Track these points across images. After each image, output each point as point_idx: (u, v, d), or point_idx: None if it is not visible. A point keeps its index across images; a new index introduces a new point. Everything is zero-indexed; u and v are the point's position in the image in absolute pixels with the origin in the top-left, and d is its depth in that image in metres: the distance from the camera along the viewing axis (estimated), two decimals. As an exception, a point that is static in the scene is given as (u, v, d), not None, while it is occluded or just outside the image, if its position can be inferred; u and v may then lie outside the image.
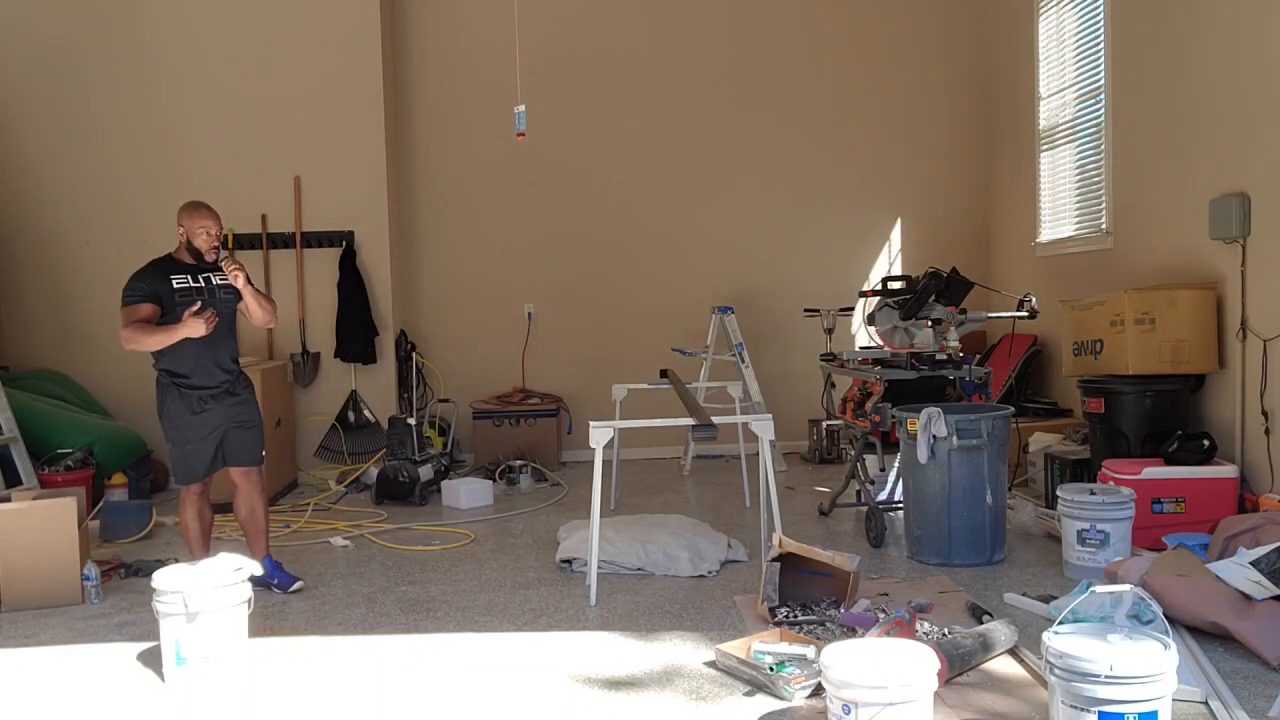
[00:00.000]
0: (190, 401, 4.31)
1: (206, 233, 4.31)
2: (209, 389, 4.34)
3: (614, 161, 7.67)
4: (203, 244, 4.32)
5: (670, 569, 4.54)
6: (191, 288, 4.31)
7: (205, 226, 4.31)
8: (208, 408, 4.33)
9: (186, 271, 4.34)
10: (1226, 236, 4.72)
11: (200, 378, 4.32)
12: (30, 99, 7.07)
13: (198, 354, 4.28)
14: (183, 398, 4.32)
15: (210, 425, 4.34)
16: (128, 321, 4.23)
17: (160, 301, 4.25)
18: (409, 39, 7.55)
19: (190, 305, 4.25)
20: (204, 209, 4.37)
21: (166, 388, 4.35)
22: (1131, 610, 2.89)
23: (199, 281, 4.33)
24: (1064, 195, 6.58)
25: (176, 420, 4.33)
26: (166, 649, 3.49)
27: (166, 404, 4.34)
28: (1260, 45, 4.56)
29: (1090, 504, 4.25)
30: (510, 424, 7.26)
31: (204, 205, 4.39)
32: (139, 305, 4.24)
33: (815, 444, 7.32)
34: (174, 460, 4.45)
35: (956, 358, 5.01)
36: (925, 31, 7.69)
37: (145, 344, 4.23)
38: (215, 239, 4.34)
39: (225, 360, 4.39)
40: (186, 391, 4.32)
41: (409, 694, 3.36)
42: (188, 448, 4.34)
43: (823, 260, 7.71)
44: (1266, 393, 4.58)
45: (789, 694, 3.13)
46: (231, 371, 4.42)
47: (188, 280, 4.31)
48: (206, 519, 4.49)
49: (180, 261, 4.36)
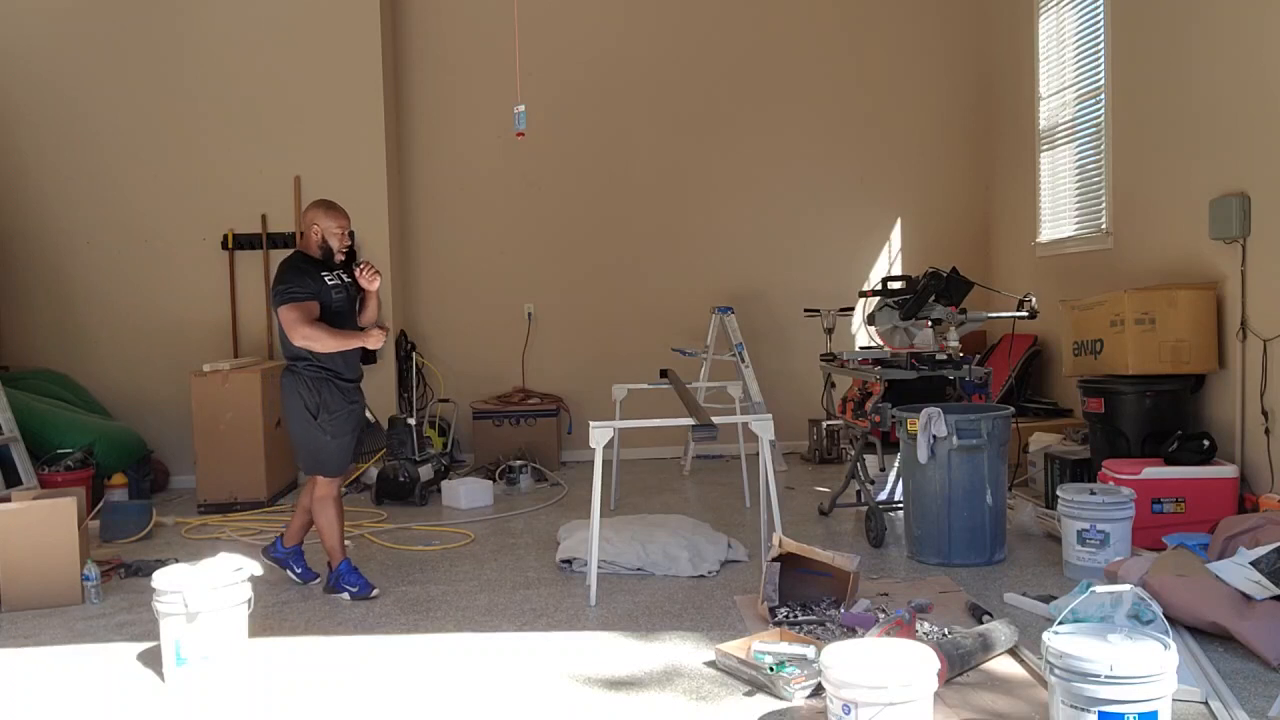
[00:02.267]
0: (347, 393, 4.41)
1: (344, 232, 4.39)
2: (355, 381, 4.46)
3: (614, 161, 7.67)
4: (337, 243, 4.38)
5: (670, 569, 4.54)
6: (343, 284, 4.40)
7: (343, 225, 4.40)
8: (356, 400, 4.47)
9: (330, 268, 4.40)
10: (1226, 236, 4.72)
11: (350, 372, 4.43)
12: (30, 99, 7.07)
13: (348, 350, 4.37)
14: (340, 390, 4.38)
15: (355, 417, 4.47)
16: (305, 318, 4.22)
17: (320, 299, 4.31)
18: (409, 39, 7.55)
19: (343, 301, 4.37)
20: (339, 209, 4.43)
21: (323, 383, 4.34)
22: (1131, 610, 2.89)
23: (344, 279, 4.42)
24: (1064, 195, 6.58)
25: (336, 411, 4.36)
26: (166, 649, 3.49)
27: (324, 397, 4.34)
28: (1260, 45, 4.56)
29: (1090, 504, 4.25)
30: (510, 424, 7.26)
31: (338, 205, 4.44)
32: (310, 302, 4.27)
33: (815, 444, 7.32)
34: (327, 453, 4.38)
35: (956, 358, 5.01)
36: (925, 32, 7.69)
37: (326, 344, 4.24)
38: (347, 237, 4.43)
39: (365, 357, 4.58)
40: (343, 384, 4.39)
41: (409, 694, 3.36)
42: (345, 439, 4.41)
43: (823, 260, 7.71)
44: (1266, 393, 4.58)
45: (789, 694, 3.14)
46: (362, 369, 4.55)
47: (337, 278, 4.39)
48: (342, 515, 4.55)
49: (318, 260, 4.40)
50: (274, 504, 6.38)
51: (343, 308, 4.38)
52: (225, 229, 7.12)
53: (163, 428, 6.96)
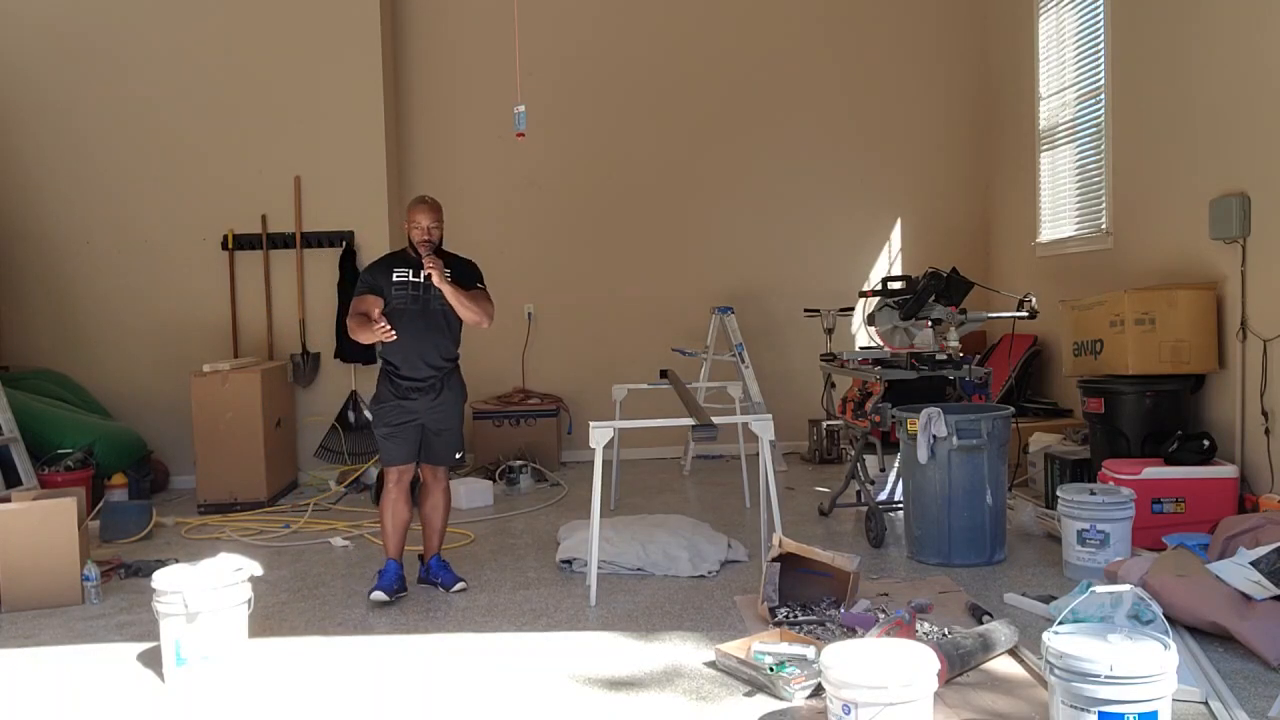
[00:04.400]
0: (398, 390, 4.39)
1: (418, 227, 4.35)
2: (415, 381, 4.39)
3: (614, 161, 7.67)
4: (416, 238, 4.36)
5: (670, 569, 4.54)
6: (409, 281, 4.37)
7: (416, 221, 4.35)
8: (412, 398, 4.39)
9: (409, 266, 4.39)
10: (1226, 236, 4.72)
11: (408, 369, 4.38)
12: (30, 99, 7.06)
13: (406, 348, 4.34)
14: (393, 385, 4.40)
15: (411, 413, 4.39)
16: (352, 311, 4.39)
17: (382, 293, 4.35)
18: (409, 39, 7.55)
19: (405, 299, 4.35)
20: (419, 204, 4.40)
21: (383, 376, 4.45)
22: (1131, 610, 2.89)
23: (417, 276, 4.37)
24: (1064, 195, 6.58)
25: (383, 402, 4.42)
26: (166, 649, 3.49)
27: (379, 390, 4.45)
28: (1260, 45, 4.56)
29: (1090, 504, 4.25)
30: (510, 424, 7.26)
31: (423, 200, 4.41)
32: (363, 296, 4.37)
33: (815, 444, 7.32)
34: (380, 445, 4.49)
35: (956, 358, 5.01)
36: (925, 32, 7.69)
37: (356, 335, 4.33)
38: (426, 233, 4.35)
39: (434, 357, 4.40)
40: (397, 380, 4.40)
41: (409, 694, 3.36)
42: (387, 429, 4.40)
43: (823, 260, 7.71)
44: (1266, 393, 4.58)
45: (789, 694, 3.14)
46: (439, 369, 4.43)
47: (407, 275, 4.38)
48: (401, 517, 4.43)
49: (407, 256, 4.43)
50: (274, 504, 6.39)
51: (405, 305, 4.35)
52: (225, 229, 7.12)
53: (163, 428, 6.96)
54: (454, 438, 4.50)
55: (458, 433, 4.52)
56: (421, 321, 4.37)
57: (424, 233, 4.35)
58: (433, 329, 4.39)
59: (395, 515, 4.42)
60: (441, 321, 4.41)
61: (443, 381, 4.44)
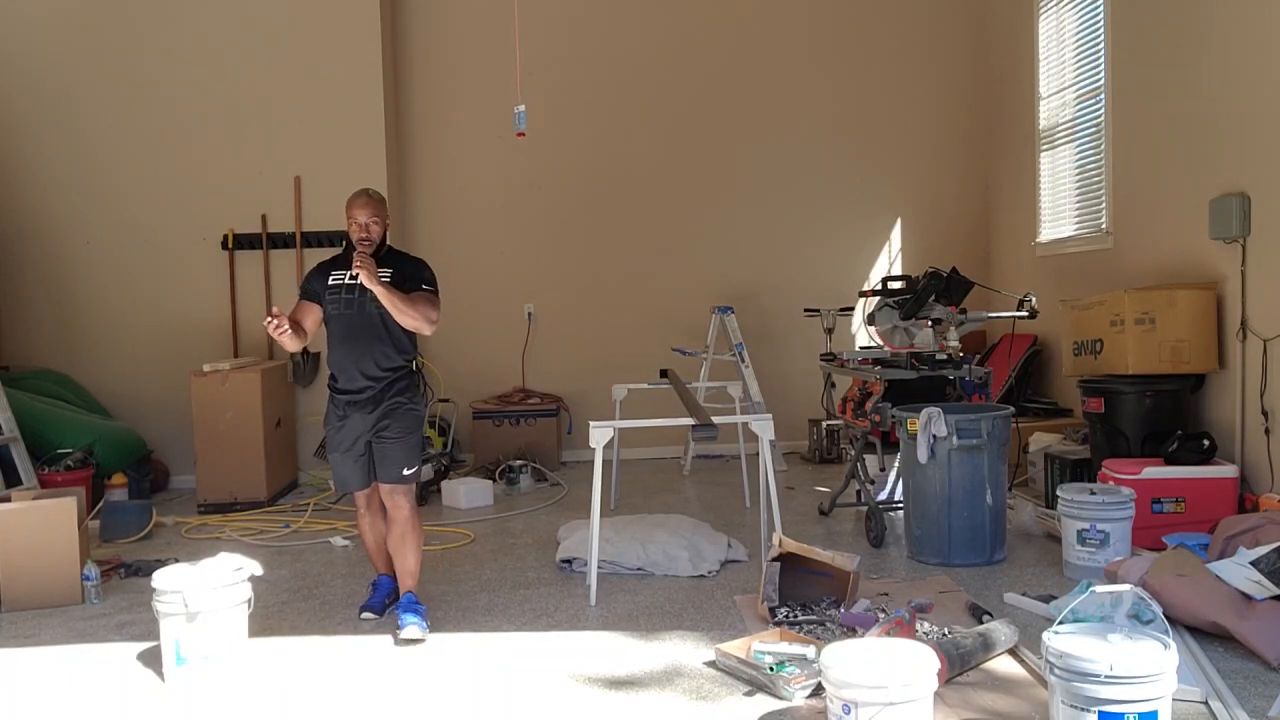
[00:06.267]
0: (338, 406, 4.02)
1: (355, 223, 3.91)
2: (352, 393, 3.97)
3: (614, 161, 7.67)
4: (353, 236, 3.94)
5: (670, 569, 4.54)
6: (343, 284, 3.96)
7: (353, 217, 3.92)
8: (348, 415, 3.99)
9: (345, 268, 3.98)
10: (1226, 236, 4.72)
11: (345, 380, 3.98)
12: (30, 99, 7.06)
13: (342, 357, 3.97)
14: (333, 403, 4.04)
15: (351, 434, 3.98)
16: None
17: (318, 298, 4.00)
18: (409, 39, 7.55)
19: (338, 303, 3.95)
20: (357, 198, 3.96)
21: (329, 393, 4.08)
22: (1131, 610, 2.89)
23: (353, 279, 3.92)
24: (1064, 195, 6.58)
25: (328, 423, 4.07)
26: (166, 649, 3.49)
27: (326, 410, 4.09)
28: (1261, 45, 4.56)
29: (1090, 504, 4.25)
30: (510, 424, 7.26)
31: (362, 193, 3.97)
32: (300, 303, 4.03)
33: (815, 444, 7.32)
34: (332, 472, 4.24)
35: (956, 358, 5.01)
36: (925, 32, 7.69)
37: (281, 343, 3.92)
38: (364, 230, 3.90)
39: (370, 366, 3.94)
40: (336, 397, 4.02)
41: (409, 694, 3.36)
42: (334, 455, 4.07)
43: (823, 260, 7.71)
44: (1266, 393, 4.58)
45: (789, 694, 3.14)
46: (377, 379, 3.95)
47: (343, 277, 3.98)
48: (378, 535, 4.16)
49: (344, 256, 4.05)
50: (274, 504, 6.39)
51: (339, 310, 3.95)
52: (225, 229, 7.11)
53: (163, 428, 6.97)
54: (399, 451, 3.96)
55: (405, 445, 3.97)
56: (357, 327, 3.94)
57: (361, 230, 3.90)
58: (369, 335, 3.93)
59: (372, 535, 4.19)
60: (379, 327, 3.93)
61: (383, 393, 3.96)
